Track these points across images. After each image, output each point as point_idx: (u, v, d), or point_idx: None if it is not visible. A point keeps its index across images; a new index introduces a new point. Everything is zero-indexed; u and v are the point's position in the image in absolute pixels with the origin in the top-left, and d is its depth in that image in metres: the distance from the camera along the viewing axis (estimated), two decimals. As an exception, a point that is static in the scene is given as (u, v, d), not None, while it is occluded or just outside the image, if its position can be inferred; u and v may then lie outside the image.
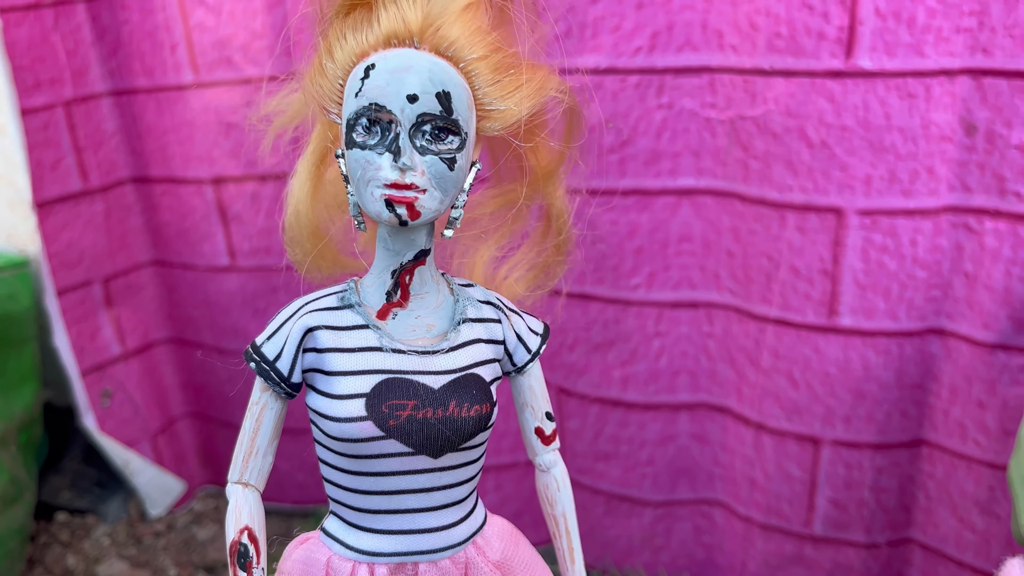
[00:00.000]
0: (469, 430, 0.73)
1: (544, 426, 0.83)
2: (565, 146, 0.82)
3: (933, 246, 1.22)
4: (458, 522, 0.76)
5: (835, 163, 1.21)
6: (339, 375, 0.72)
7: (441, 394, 0.72)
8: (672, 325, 1.41)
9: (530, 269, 0.88)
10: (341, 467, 0.74)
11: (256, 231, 1.65)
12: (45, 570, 1.63)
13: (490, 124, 0.71)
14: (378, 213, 0.68)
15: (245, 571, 0.72)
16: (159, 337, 1.82)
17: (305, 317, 0.73)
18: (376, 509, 0.74)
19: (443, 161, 0.68)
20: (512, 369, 0.80)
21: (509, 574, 0.79)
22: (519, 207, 0.84)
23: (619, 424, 1.48)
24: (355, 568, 0.74)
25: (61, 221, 1.62)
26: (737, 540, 1.48)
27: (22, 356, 1.59)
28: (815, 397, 1.33)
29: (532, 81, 0.72)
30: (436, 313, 0.75)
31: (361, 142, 0.67)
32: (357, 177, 0.68)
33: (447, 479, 0.75)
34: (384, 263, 0.74)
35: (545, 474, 0.85)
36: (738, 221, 1.33)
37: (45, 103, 1.56)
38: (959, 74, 1.14)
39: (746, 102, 1.26)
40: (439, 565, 0.75)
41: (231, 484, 0.75)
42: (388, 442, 0.71)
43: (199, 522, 1.80)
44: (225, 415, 1.83)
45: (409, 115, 0.66)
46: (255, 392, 0.75)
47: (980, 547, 1.29)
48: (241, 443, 0.75)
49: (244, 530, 0.72)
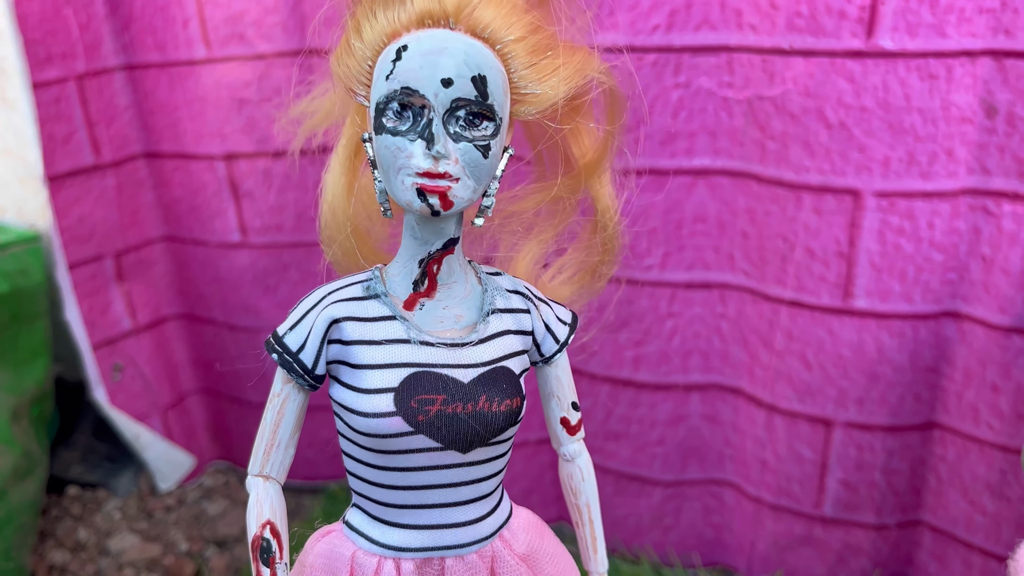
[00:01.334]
0: (499, 425, 0.71)
1: (570, 416, 0.81)
2: (608, 129, 0.77)
3: (950, 229, 1.22)
4: (485, 516, 0.75)
5: (853, 144, 1.21)
6: (366, 368, 0.69)
7: (471, 388, 0.70)
8: (685, 306, 1.41)
9: (578, 271, 0.84)
10: (367, 461, 0.72)
11: (267, 208, 1.65)
12: (57, 543, 1.64)
13: (524, 108, 0.69)
14: (409, 202, 0.65)
15: (268, 567, 0.70)
16: (170, 313, 1.82)
17: (330, 308, 0.70)
18: (403, 504, 0.73)
19: (477, 148, 0.65)
20: (540, 359, 0.78)
21: (535, 566, 0.78)
22: (562, 201, 0.80)
23: (630, 404, 1.48)
24: (381, 563, 0.73)
25: (72, 195, 1.61)
26: (747, 520, 1.49)
27: (33, 331, 1.60)
28: (828, 379, 1.33)
29: (570, 63, 0.69)
30: (464, 303, 0.73)
31: (392, 127, 0.64)
32: (387, 164, 0.65)
33: (475, 474, 0.73)
34: (411, 251, 0.71)
35: (569, 463, 0.83)
36: (754, 202, 1.32)
37: (57, 76, 1.55)
38: (981, 55, 1.13)
39: (764, 82, 1.25)
40: (466, 560, 0.74)
41: (252, 477, 0.73)
42: (417, 437, 0.69)
43: (209, 497, 1.81)
44: (235, 391, 1.83)
45: (443, 100, 0.63)
46: (276, 383, 0.73)
47: (990, 530, 1.29)
48: (262, 435, 0.73)
49: (266, 524, 0.71)
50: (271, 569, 0.70)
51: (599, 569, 0.86)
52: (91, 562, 1.60)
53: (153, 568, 1.58)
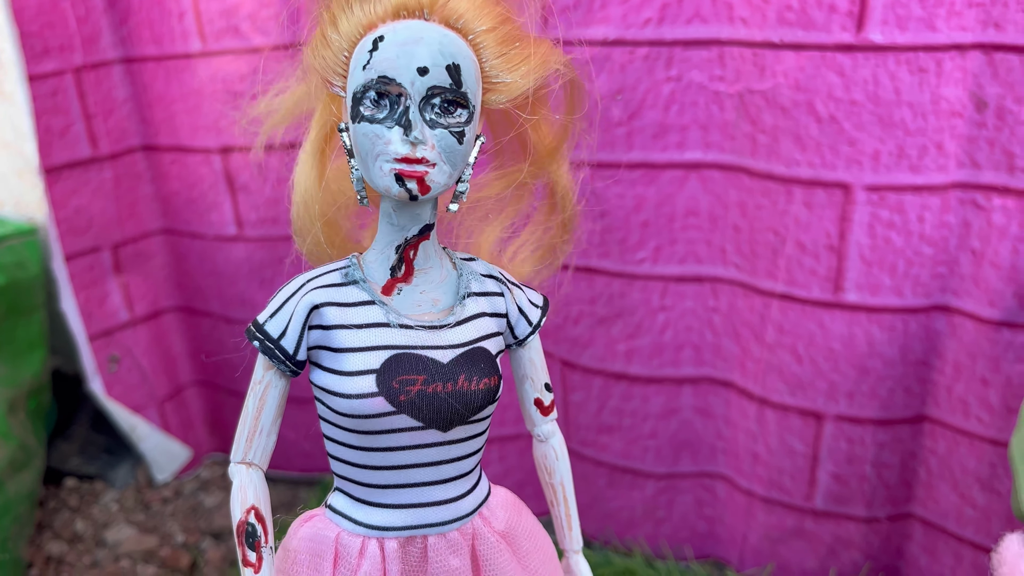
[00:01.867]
0: (479, 403, 0.73)
1: (543, 397, 0.84)
2: (567, 119, 0.81)
3: (940, 222, 1.22)
4: (465, 494, 0.77)
5: (843, 138, 1.21)
6: (347, 352, 0.71)
7: (450, 368, 0.72)
8: (677, 299, 1.41)
9: (536, 249, 0.87)
10: (349, 443, 0.74)
11: (263, 201, 1.65)
12: (54, 534, 1.65)
13: (495, 97, 0.71)
14: (387, 188, 0.67)
15: (254, 550, 0.71)
16: (167, 305, 1.83)
17: (310, 294, 0.72)
18: (385, 484, 0.74)
19: (452, 135, 0.67)
20: (513, 342, 0.80)
21: (513, 543, 0.80)
22: (523, 186, 0.84)
23: (623, 397, 1.49)
24: (365, 543, 0.74)
25: (70, 187, 1.62)
26: (738, 513, 1.49)
27: (30, 323, 1.61)
28: (819, 372, 1.33)
29: (537, 54, 0.72)
30: (440, 288, 0.75)
31: (369, 115, 0.66)
32: (365, 151, 0.67)
33: (456, 452, 0.75)
34: (388, 238, 0.73)
35: (543, 444, 0.86)
36: (745, 196, 1.32)
37: (55, 69, 1.56)
38: (970, 49, 1.13)
39: (755, 75, 1.25)
40: (447, 537, 0.76)
41: (234, 464, 0.74)
42: (399, 417, 0.71)
43: (206, 489, 1.82)
44: (232, 384, 1.84)
45: (419, 88, 0.66)
46: (258, 371, 0.74)
47: (980, 523, 1.30)
48: (244, 422, 0.74)
49: (251, 510, 0.72)
50: (257, 553, 0.71)
51: (574, 547, 0.88)
52: (88, 553, 1.61)
53: (150, 559, 1.60)
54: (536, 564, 0.81)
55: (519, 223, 0.87)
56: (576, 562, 0.88)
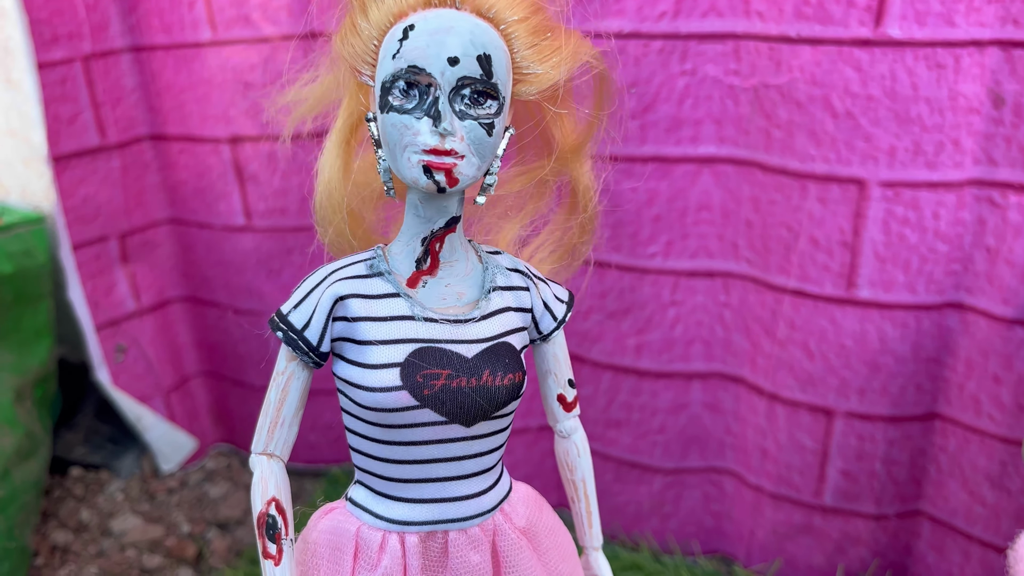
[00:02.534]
0: (503, 399, 0.72)
1: (566, 393, 0.83)
2: (595, 114, 0.80)
3: (955, 219, 1.21)
4: (487, 490, 0.76)
5: (859, 133, 1.20)
6: (371, 344, 0.70)
7: (475, 363, 0.71)
8: (688, 294, 1.41)
9: (555, 249, 0.86)
10: (372, 436, 0.73)
11: (272, 191, 1.65)
12: (59, 523, 1.64)
13: (525, 88, 0.70)
14: (415, 179, 0.67)
15: (274, 542, 0.71)
16: (174, 295, 1.83)
17: (335, 285, 0.71)
18: (407, 478, 0.74)
19: (482, 126, 0.66)
20: (537, 337, 0.80)
21: (534, 539, 0.79)
22: (544, 184, 0.83)
23: (632, 391, 1.48)
24: (386, 537, 0.74)
25: (77, 176, 1.61)
26: (746, 509, 1.49)
27: (37, 312, 1.60)
28: (830, 369, 1.33)
29: (568, 45, 0.71)
30: (466, 281, 0.74)
31: (398, 105, 0.65)
32: (393, 142, 0.66)
33: (478, 447, 0.74)
34: (414, 230, 0.72)
35: (565, 440, 0.85)
36: (758, 191, 1.32)
37: (63, 57, 1.55)
38: (989, 45, 1.13)
39: (770, 70, 1.25)
40: (468, 533, 0.75)
41: (255, 455, 0.74)
42: (422, 411, 0.70)
43: (211, 479, 1.82)
44: (238, 374, 1.84)
45: (449, 78, 0.65)
46: (280, 361, 0.73)
47: (990, 521, 1.29)
48: (266, 413, 0.73)
49: (272, 501, 0.71)
50: (277, 545, 0.71)
51: (594, 544, 0.87)
52: (93, 543, 1.61)
53: (155, 549, 1.59)
54: (556, 561, 0.81)
55: (539, 221, 0.86)
56: (596, 559, 0.87)
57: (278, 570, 0.70)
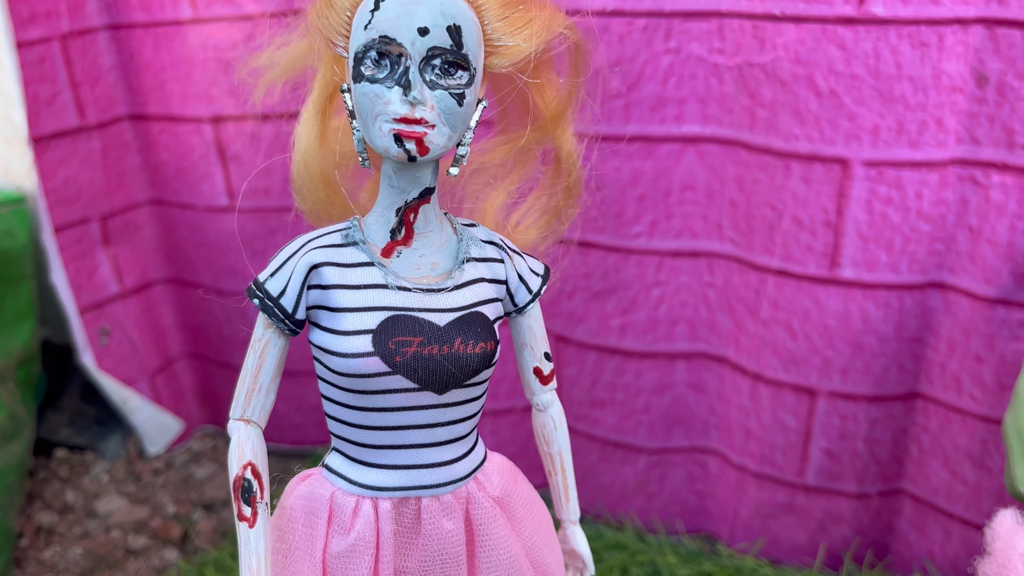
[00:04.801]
0: (474, 366, 0.73)
1: (542, 366, 0.84)
2: (571, 82, 0.80)
3: (938, 199, 1.21)
4: (460, 458, 0.77)
5: (843, 113, 1.20)
6: (345, 311, 0.71)
7: (446, 331, 0.72)
8: (672, 274, 1.41)
9: (542, 215, 0.87)
10: (345, 403, 0.74)
11: (255, 171, 1.63)
12: (44, 505, 1.64)
13: (498, 60, 0.71)
14: (386, 148, 0.68)
15: (249, 505, 0.72)
16: (157, 277, 1.82)
17: (310, 254, 0.72)
18: (380, 444, 0.74)
19: (452, 96, 0.67)
20: (513, 309, 0.80)
21: (508, 509, 0.80)
22: (527, 152, 0.84)
23: (616, 372, 1.48)
24: (359, 503, 0.75)
25: (58, 157, 1.60)
26: (730, 488, 1.50)
27: (20, 293, 1.59)
28: (813, 348, 1.33)
29: (540, 17, 0.71)
30: (440, 252, 0.75)
31: (369, 75, 0.67)
32: (365, 111, 0.68)
33: (451, 415, 0.75)
34: (388, 200, 0.73)
35: (542, 413, 0.86)
36: (742, 170, 1.31)
37: (41, 36, 1.53)
38: (973, 23, 1.12)
39: (755, 48, 1.24)
40: (441, 500, 0.76)
41: (233, 421, 0.75)
42: (394, 378, 0.71)
43: (197, 461, 1.82)
44: (223, 356, 1.83)
45: (419, 48, 0.66)
46: (257, 328, 0.74)
47: (971, 499, 1.30)
48: (243, 380, 0.74)
49: (247, 465, 0.72)
50: (252, 508, 0.72)
51: (571, 517, 0.88)
52: (78, 524, 1.61)
53: (140, 530, 1.59)
54: (530, 532, 0.81)
55: (524, 189, 0.86)
56: (573, 532, 0.88)
57: (252, 532, 0.71)
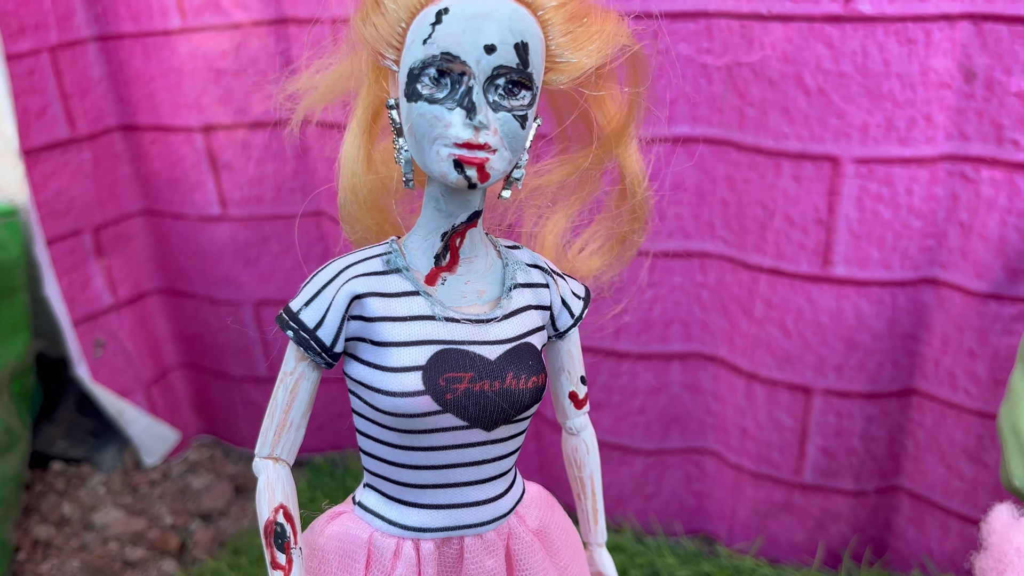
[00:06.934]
0: (526, 402, 0.69)
1: (578, 390, 0.80)
2: (633, 92, 0.74)
3: (929, 195, 1.21)
4: (503, 494, 0.74)
5: (832, 110, 1.20)
6: (391, 346, 0.66)
7: (498, 365, 0.68)
8: (665, 275, 1.41)
9: (607, 241, 0.81)
10: (388, 441, 0.69)
11: (247, 180, 1.63)
12: (41, 518, 1.64)
13: (556, 77, 0.66)
14: (444, 174, 0.62)
15: (283, 552, 0.67)
16: (151, 287, 1.82)
17: (352, 283, 0.67)
18: (424, 484, 0.70)
19: (516, 119, 0.62)
20: (554, 334, 0.76)
21: (546, 540, 0.77)
22: (589, 172, 0.77)
23: (611, 374, 1.48)
24: (400, 544, 0.71)
25: (49, 169, 1.60)
26: (727, 488, 1.50)
27: (13, 306, 1.58)
28: (807, 346, 1.33)
29: (604, 31, 0.67)
30: (486, 278, 0.71)
31: (428, 94, 0.61)
32: (421, 134, 0.62)
33: (497, 451, 0.71)
34: (433, 224, 0.68)
35: (575, 437, 0.83)
36: (733, 170, 1.31)
37: (30, 48, 1.53)
38: (959, 19, 1.12)
39: (743, 48, 1.24)
40: (484, 538, 0.72)
41: (260, 459, 0.69)
42: (444, 416, 0.67)
43: (194, 471, 1.81)
44: (219, 365, 1.83)
45: (485, 67, 0.60)
46: (289, 361, 0.69)
47: (967, 494, 1.30)
48: (272, 415, 0.69)
49: (279, 508, 0.67)
50: (286, 555, 0.67)
51: (599, 540, 0.85)
52: (76, 536, 1.60)
53: (138, 542, 1.59)
54: (567, 560, 0.79)
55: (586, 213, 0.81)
56: (600, 555, 0.86)
57: None
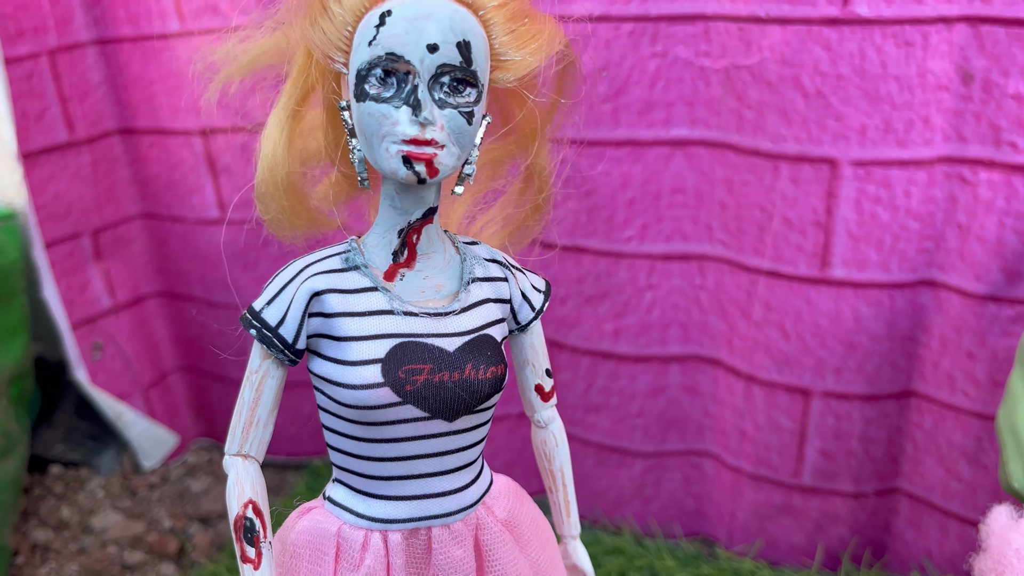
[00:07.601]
0: (486, 392, 0.71)
1: (544, 383, 0.82)
2: (558, 100, 0.78)
3: (927, 197, 1.21)
4: (469, 484, 0.75)
5: (830, 113, 1.20)
6: (351, 340, 0.68)
7: (457, 357, 0.70)
8: (664, 277, 1.41)
9: (505, 225, 0.85)
10: (352, 434, 0.71)
11: (246, 183, 1.63)
12: (40, 522, 1.63)
13: (503, 75, 0.69)
14: (394, 170, 0.65)
15: (253, 546, 0.69)
16: (149, 290, 1.81)
17: (310, 280, 0.69)
18: (389, 475, 0.72)
19: (462, 115, 0.65)
20: (515, 327, 0.78)
21: (515, 531, 0.78)
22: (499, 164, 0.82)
23: (610, 376, 1.48)
24: (368, 536, 0.72)
25: (47, 173, 1.60)
26: (726, 490, 1.50)
27: (11, 309, 1.58)
28: (806, 349, 1.33)
29: (544, 31, 0.69)
30: (444, 273, 0.73)
31: (375, 94, 0.64)
32: (370, 132, 0.64)
33: (460, 442, 0.73)
34: (390, 222, 0.70)
35: (543, 430, 0.84)
36: (731, 172, 1.32)
37: (29, 52, 1.53)
38: (957, 21, 1.13)
39: (741, 50, 1.24)
40: (452, 528, 0.74)
41: (230, 456, 0.71)
42: (404, 408, 0.68)
43: (193, 474, 1.81)
44: (217, 368, 1.83)
45: (428, 66, 0.63)
46: (254, 360, 0.71)
47: (966, 496, 1.30)
48: (240, 413, 0.71)
49: (248, 504, 0.69)
50: (256, 548, 0.69)
51: (572, 532, 0.87)
52: (74, 540, 1.60)
53: (136, 545, 1.59)
54: (537, 551, 0.80)
55: (490, 197, 0.84)
56: (574, 547, 0.87)
57: (258, 574, 0.68)
